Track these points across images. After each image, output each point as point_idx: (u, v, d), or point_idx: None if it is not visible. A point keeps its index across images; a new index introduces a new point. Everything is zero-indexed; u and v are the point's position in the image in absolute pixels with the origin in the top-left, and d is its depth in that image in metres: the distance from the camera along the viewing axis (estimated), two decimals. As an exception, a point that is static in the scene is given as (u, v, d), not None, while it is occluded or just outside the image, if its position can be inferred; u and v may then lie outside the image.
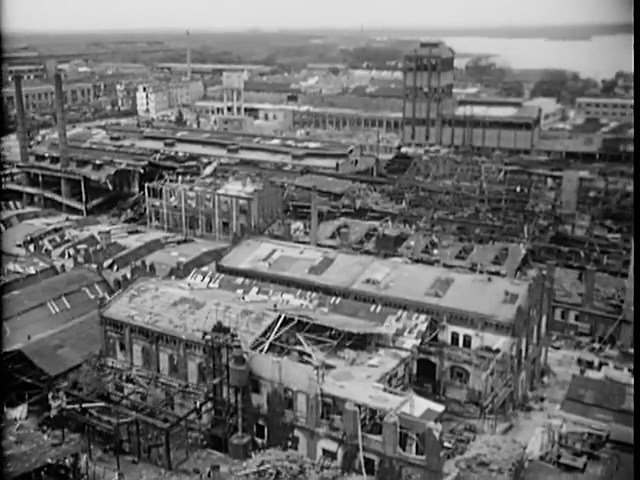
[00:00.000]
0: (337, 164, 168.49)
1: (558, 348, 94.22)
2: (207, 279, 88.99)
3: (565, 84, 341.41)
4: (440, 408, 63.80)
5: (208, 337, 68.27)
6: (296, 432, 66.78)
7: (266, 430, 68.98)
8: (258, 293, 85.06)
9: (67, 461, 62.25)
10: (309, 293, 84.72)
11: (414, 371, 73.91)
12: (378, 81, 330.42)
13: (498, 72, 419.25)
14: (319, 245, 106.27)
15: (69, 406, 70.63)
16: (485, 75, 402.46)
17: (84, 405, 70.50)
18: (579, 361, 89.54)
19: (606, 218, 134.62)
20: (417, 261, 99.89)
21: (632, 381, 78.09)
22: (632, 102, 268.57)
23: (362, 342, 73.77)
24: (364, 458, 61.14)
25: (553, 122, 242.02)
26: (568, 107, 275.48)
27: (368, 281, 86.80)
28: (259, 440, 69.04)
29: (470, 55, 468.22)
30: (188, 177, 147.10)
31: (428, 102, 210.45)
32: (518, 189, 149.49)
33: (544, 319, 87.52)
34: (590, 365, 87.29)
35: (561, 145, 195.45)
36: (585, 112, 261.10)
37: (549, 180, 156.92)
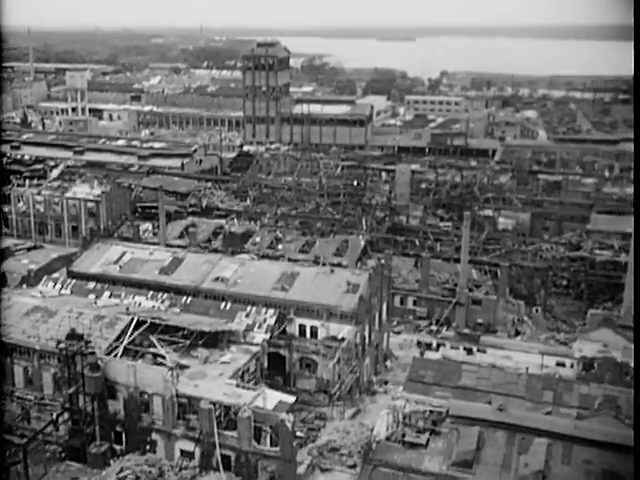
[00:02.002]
0: (182, 164, 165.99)
1: (399, 333, 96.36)
2: (59, 286, 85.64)
3: (394, 82, 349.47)
4: (291, 399, 63.95)
5: (62, 345, 65.73)
6: (153, 435, 65.25)
7: (124, 436, 67.04)
8: (110, 297, 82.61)
9: None
10: (160, 294, 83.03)
11: (265, 365, 73.78)
12: (219, 80, 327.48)
13: (332, 71, 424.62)
14: (168, 245, 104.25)
15: None
16: (320, 74, 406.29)
17: None
18: (418, 344, 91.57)
19: (437, 208, 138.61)
20: (263, 257, 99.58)
21: (470, 359, 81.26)
22: (456, 99, 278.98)
23: (214, 340, 72.98)
24: (221, 455, 60.64)
25: (385, 119, 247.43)
26: (398, 104, 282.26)
27: (217, 279, 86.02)
28: (117, 447, 66.96)
29: (305, 55, 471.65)
30: (35, 181, 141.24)
31: (267, 101, 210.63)
32: (355, 183, 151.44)
33: (384, 306, 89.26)
34: (429, 347, 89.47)
35: (393, 140, 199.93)
36: (414, 109, 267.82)
37: (383, 174, 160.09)
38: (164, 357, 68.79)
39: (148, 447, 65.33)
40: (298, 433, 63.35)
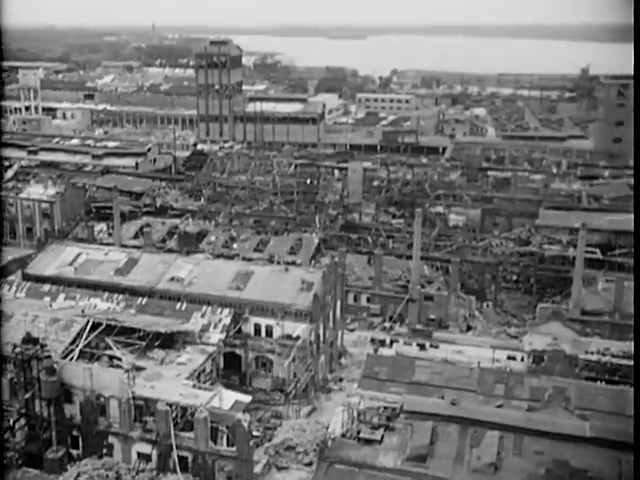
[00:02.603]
0: (136, 163, 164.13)
1: (353, 330, 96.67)
2: (14, 288, 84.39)
3: (346, 81, 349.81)
4: (247, 399, 63.82)
5: (17, 350, 64.66)
6: (110, 439, 64.48)
7: (80, 440, 66.10)
8: (65, 299, 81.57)
9: None
10: (116, 295, 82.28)
11: (221, 365, 73.62)
12: (172, 79, 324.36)
13: (284, 69, 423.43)
14: (123, 246, 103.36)
15: None
16: (272, 72, 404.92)
17: None
18: (372, 340, 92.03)
19: (389, 205, 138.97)
20: (218, 256, 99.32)
21: (423, 354, 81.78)
22: (406, 97, 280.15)
23: (170, 341, 72.54)
24: (178, 456, 60.34)
25: (337, 117, 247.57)
26: (349, 102, 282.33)
27: (172, 279, 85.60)
28: (74, 451, 66.03)
29: (257, 53, 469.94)
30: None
31: (220, 99, 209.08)
32: (308, 181, 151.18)
33: (338, 303, 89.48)
34: (382, 343, 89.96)
35: (345, 138, 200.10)
36: (365, 107, 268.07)
37: (336, 172, 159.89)
38: (120, 359, 68.18)
39: (105, 451, 64.49)
40: (254, 432, 63.17)
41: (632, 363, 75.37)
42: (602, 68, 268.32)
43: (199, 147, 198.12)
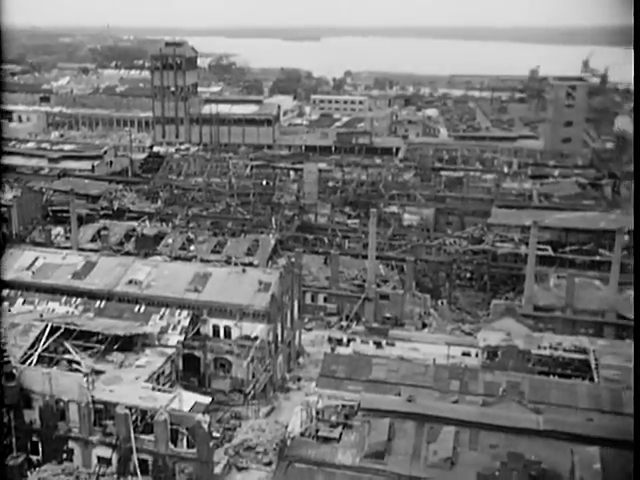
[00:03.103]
0: (93, 166, 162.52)
1: (310, 329, 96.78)
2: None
3: (300, 82, 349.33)
4: (207, 400, 63.69)
5: (-25, 355, 63.82)
6: (70, 443, 63.83)
7: (40, 446, 65.24)
8: (24, 304, 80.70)
9: None
10: (74, 299, 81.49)
11: (180, 367, 73.37)
12: (127, 80, 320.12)
13: (239, 71, 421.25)
14: (81, 249, 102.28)
15: None
16: (227, 74, 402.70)
17: None
18: (329, 339, 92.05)
19: (345, 205, 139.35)
20: (176, 258, 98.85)
21: (379, 352, 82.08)
22: (360, 98, 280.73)
23: (129, 344, 72.10)
24: (138, 459, 59.93)
25: (291, 118, 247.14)
26: (304, 104, 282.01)
27: (130, 282, 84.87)
28: (34, 457, 65.09)
29: (212, 55, 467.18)
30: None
31: (176, 101, 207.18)
32: (264, 183, 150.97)
33: (296, 303, 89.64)
34: (340, 342, 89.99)
35: (300, 139, 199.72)
36: (319, 108, 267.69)
37: (292, 173, 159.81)
38: (79, 363, 67.57)
39: (65, 456, 63.81)
40: (214, 433, 63.06)
41: (583, 357, 76.68)
42: (551, 70, 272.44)
43: (155, 149, 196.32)
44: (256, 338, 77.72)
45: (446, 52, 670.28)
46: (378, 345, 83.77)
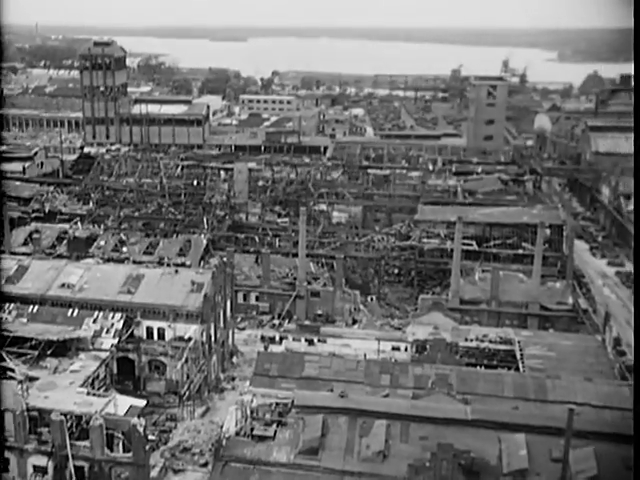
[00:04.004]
0: (23, 167, 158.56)
1: (243, 329, 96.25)
2: None
3: (229, 82, 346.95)
4: (142, 403, 62.87)
5: None
6: (5, 453, 61.82)
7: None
8: (-46, 311, 78.22)
9: None
10: (7, 304, 79.28)
11: (115, 370, 72.28)
12: (57, 80, 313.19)
13: (168, 71, 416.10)
14: (13, 253, 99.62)
15: None
16: (156, 74, 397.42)
17: None
18: (262, 338, 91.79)
19: (275, 204, 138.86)
20: (108, 260, 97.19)
21: (311, 349, 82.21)
22: (288, 98, 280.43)
23: (63, 348, 70.63)
24: (74, 466, 58.68)
25: (221, 118, 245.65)
26: (233, 103, 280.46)
27: (63, 285, 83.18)
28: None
29: (141, 54, 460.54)
30: None
31: (105, 101, 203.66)
32: (195, 183, 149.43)
33: (228, 303, 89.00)
34: (272, 340, 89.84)
35: (230, 139, 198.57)
36: (248, 108, 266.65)
37: (222, 172, 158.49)
38: (13, 370, 65.80)
39: (1, 466, 61.96)
40: (150, 436, 62.23)
41: (508, 348, 77.99)
42: (473, 69, 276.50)
43: (86, 150, 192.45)
44: (190, 339, 76.99)
45: (371, 52, 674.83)
46: (310, 342, 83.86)
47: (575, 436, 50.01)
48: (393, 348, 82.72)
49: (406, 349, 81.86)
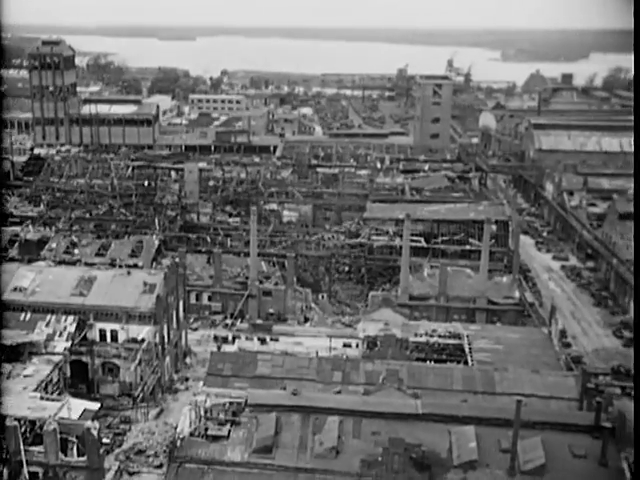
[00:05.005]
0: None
1: (196, 329, 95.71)
2: None
3: (178, 81, 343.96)
4: (96, 406, 62.17)
5: None
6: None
7: None
8: None
9: None
10: (-42, 310, 77.93)
11: (68, 374, 71.32)
12: (6, 80, 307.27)
13: (117, 70, 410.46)
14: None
15: None
16: (105, 73, 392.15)
17: None
18: (215, 338, 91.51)
19: (226, 204, 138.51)
20: (60, 263, 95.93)
21: (264, 348, 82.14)
22: (237, 97, 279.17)
23: (16, 353, 69.52)
24: (29, 472, 57.77)
25: (171, 118, 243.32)
26: (182, 103, 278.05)
27: (15, 289, 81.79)
28: None
29: (90, 53, 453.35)
30: None
31: (55, 101, 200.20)
32: (146, 183, 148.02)
33: (181, 304, 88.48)
34: (225, 340, 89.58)
35: (180, 139, 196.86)
36: (198, 107, 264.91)
37: (173, 173, 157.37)
38: (-35, 376, 64.67)
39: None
40: (104, 440, 61.59)
41: (457, 342, 78.91)
42: (419, 69, 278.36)
43: (36, 151, 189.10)
44: (143, 340, 76.41)
45: (318, 52, 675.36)
46: (263, 341, 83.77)
47: (523, 426, 50.79)
48: (344, 345, 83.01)
49: (357, 345, 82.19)
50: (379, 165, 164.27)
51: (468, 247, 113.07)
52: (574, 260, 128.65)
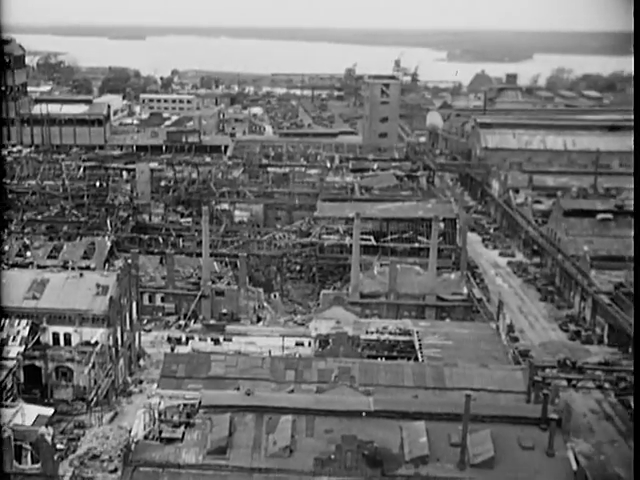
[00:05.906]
0: None
1: (149, 330, 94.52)
2: None
3: (129, 81, 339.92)
4: (49, 411, 61.11)
5: None
6: None
7: None
8: None
9: None
10: None
11: (21, 379, 70.02)
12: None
13: (68, 70, 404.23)
14: None
15: None
16: (56, 73, 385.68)
17: None
18: (169, 339, 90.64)
19: (178, 204, 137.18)
20: (12, 265, 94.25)
21: (217, 348, 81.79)
22: (188, 97, 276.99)
23: (-33, 359, 68.14)
24: (-18, 482, 56.81)
25: (122, 117, 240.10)
26: (133, 103, 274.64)
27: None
28: None
29: (40, 53, 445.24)
30: None
31: (6, 101, 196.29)
32: (98, 184, 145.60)
33: (134, 305, 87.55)
34: (179, 341, 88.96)
35: (131, 139, 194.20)
36: (149, 107, 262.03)
37: (124, 173, 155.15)
38: None
39: None
40: (58, 445, 60.51)
41: (408, 338, 79.48)
42: (367, 69, 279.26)
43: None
44: (96, 343, 75.40)
45: (268, 51, 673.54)
46: (216, 342, 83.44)
47: (472, 420, 51.46)
48: (297, 344, 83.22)
49: (309, 344, 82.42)
50: (329, 164, 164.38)
51: (417, 245, 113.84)
52: (520, 256, 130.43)
